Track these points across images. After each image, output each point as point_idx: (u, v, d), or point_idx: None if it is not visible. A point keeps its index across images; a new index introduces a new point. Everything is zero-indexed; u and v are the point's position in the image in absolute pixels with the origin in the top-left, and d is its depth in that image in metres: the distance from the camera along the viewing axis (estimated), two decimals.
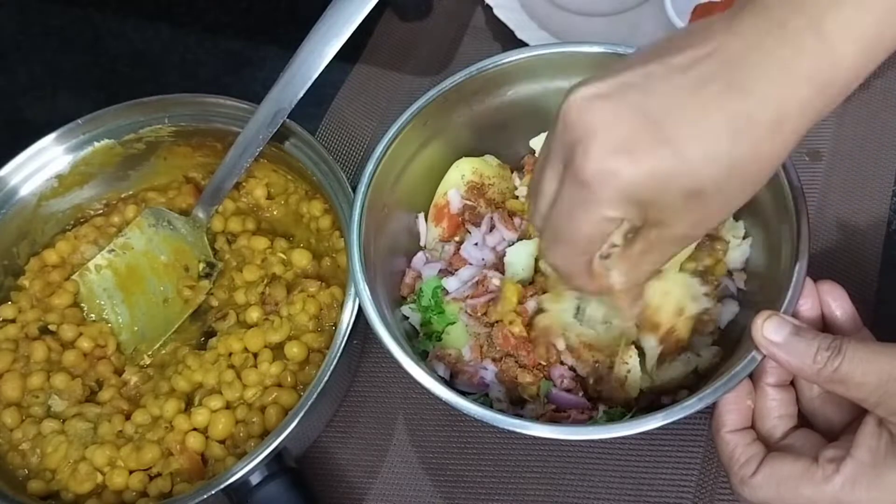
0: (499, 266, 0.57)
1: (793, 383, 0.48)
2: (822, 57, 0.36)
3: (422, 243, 0.62)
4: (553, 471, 0.58)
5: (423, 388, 0.49)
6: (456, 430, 0.61)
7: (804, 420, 0.48)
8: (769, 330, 0.45)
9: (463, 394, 0.49)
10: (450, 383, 0.55)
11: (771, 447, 0.46)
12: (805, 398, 0.48)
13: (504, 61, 0.58)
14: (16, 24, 0.91)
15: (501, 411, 0.49)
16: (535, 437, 0.46)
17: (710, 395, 0.46)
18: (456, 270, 0.58)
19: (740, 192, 0.39)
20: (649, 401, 0.53)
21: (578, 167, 0.39)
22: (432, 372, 0.50)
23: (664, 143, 0.37)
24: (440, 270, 0.59)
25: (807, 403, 0.48)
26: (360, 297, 0.52)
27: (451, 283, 0.57)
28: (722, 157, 0.37)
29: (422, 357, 0.55)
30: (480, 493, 0.59)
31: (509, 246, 0.57)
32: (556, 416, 0.52)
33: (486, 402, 0.54)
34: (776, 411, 0.47)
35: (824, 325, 0.48)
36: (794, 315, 0.47)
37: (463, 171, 0.61)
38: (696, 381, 0.52)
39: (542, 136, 0.60)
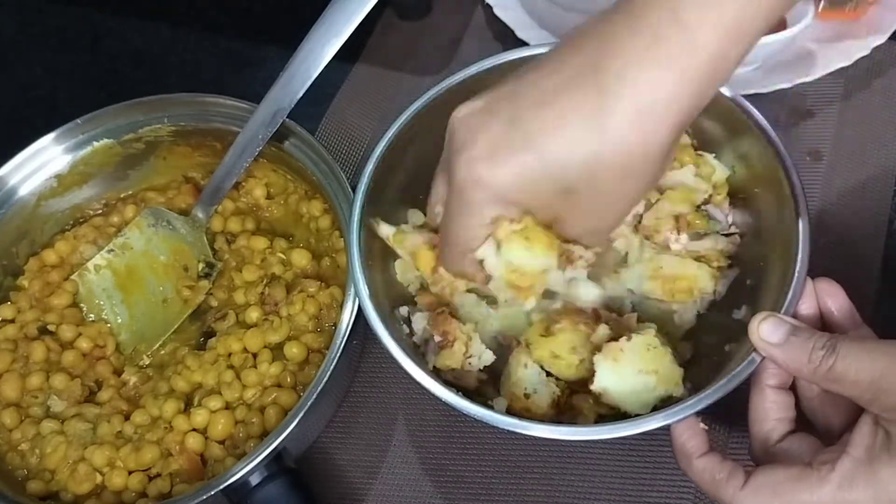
0: None
1: (793, 387, 0.48)
2: (681, 44, 0.38)
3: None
4: (553, 471, 0.58)
5: (423, 388, 0.49)
6: (456, 431, 0.61)
7: (803, 426, 0.47)
8: (766, 331, 0.45)
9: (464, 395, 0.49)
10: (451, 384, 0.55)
11: (768, 450, 0.46)
12: (805, 399, 0.47)
13: (504, 60, 0.58)
14: (16, 24, 0.91)
15: (501, 411, 0.49)
16: (535, 438, 0.46)
17: (711, 394, 0.46)
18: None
19: (621, 189, 0.42)
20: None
21: (452, 176, 0.43)
22: (432, 373, 0.50)
23: (526, 147, 0.40)
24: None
25: (806, 404, 0.47)
26: (360, 296, 0.52)
27: None
28: (581, 155, 0.40)
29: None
30: (480, 493, 0.59)
31: None
32: None
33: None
34: (775, 413, 0.47)
35: (822, 323, 0.48)
36: (794, 315, 0.47)
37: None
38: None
39: None
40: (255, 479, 0.52)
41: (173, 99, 0.67)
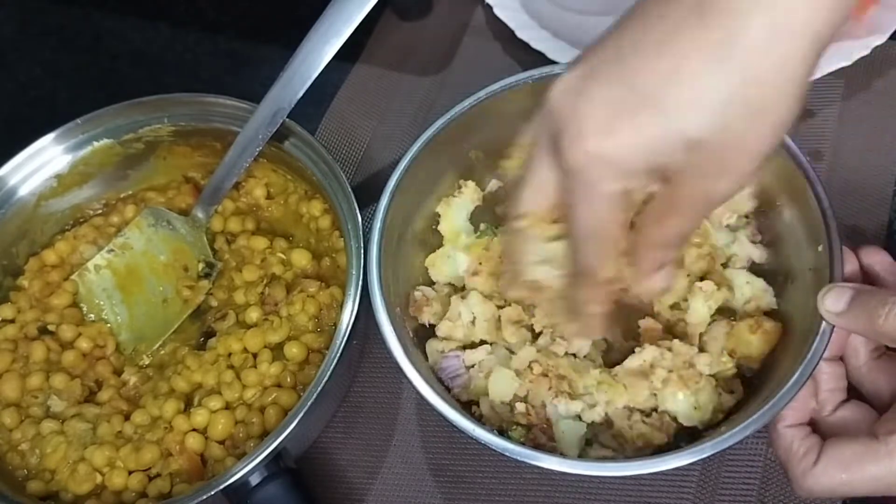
0: None
1: (841, 358, 0.49)
2: None
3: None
4: (553, 471, 0.58)
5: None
6: (456, 431, 0.60)
7: (852, 393, 0.49)
8: (830, 303, 0.46)
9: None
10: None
11: (822, 420, 0.47)
12: (852, 367, 0.49)
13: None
14: (15, 24, 0.91)
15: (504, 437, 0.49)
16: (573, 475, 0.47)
17: (779, 399, 0.46)
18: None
19: (753, 129, 0.36)
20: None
21: (566, 158, 0.38)
22: (446, 394, 0.51)
23: (645, 105, 0.36)
24: None
25: (854, 373, 0.49)
26: (378, 316, 0.52)
27: None
28: (709, 96, 0.35)
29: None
30: (480, 493, 0.59)
31: None
32: None
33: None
34: (827, 385, 0.48)
35: (869, 284, 0.49)
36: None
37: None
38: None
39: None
40: (255, 479, 0.52)
41: (173, 99, 0.67)
